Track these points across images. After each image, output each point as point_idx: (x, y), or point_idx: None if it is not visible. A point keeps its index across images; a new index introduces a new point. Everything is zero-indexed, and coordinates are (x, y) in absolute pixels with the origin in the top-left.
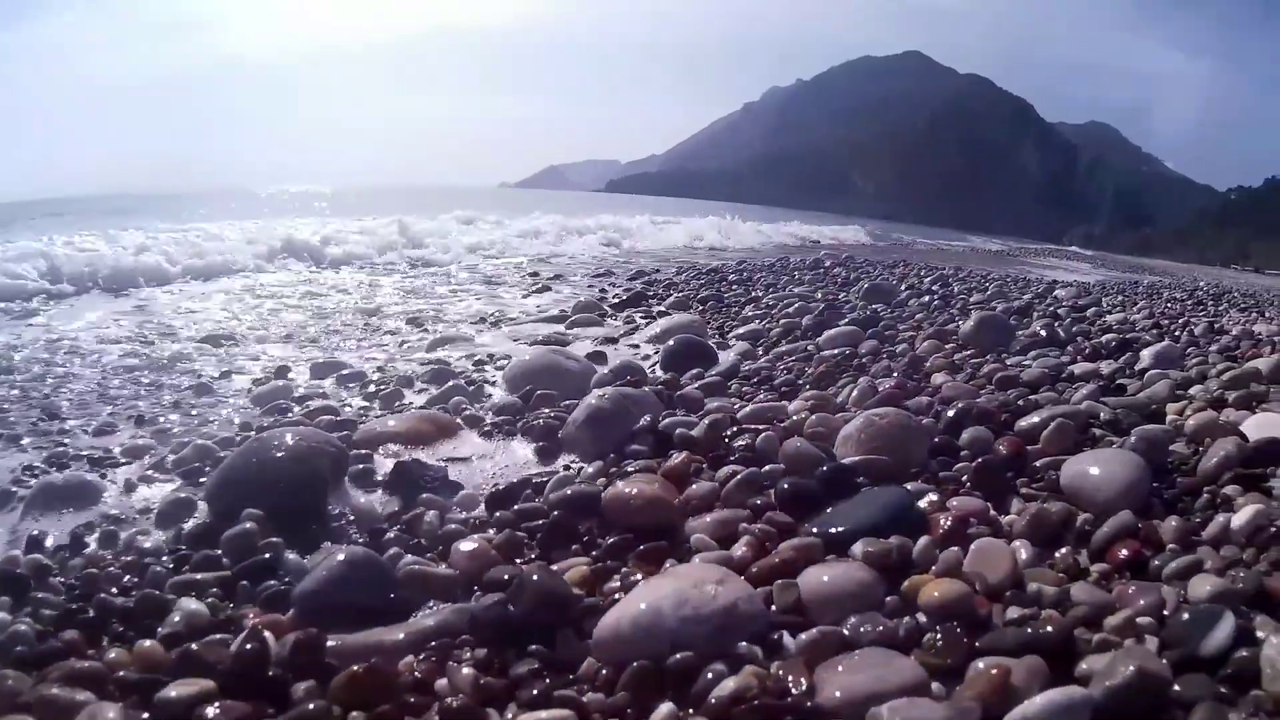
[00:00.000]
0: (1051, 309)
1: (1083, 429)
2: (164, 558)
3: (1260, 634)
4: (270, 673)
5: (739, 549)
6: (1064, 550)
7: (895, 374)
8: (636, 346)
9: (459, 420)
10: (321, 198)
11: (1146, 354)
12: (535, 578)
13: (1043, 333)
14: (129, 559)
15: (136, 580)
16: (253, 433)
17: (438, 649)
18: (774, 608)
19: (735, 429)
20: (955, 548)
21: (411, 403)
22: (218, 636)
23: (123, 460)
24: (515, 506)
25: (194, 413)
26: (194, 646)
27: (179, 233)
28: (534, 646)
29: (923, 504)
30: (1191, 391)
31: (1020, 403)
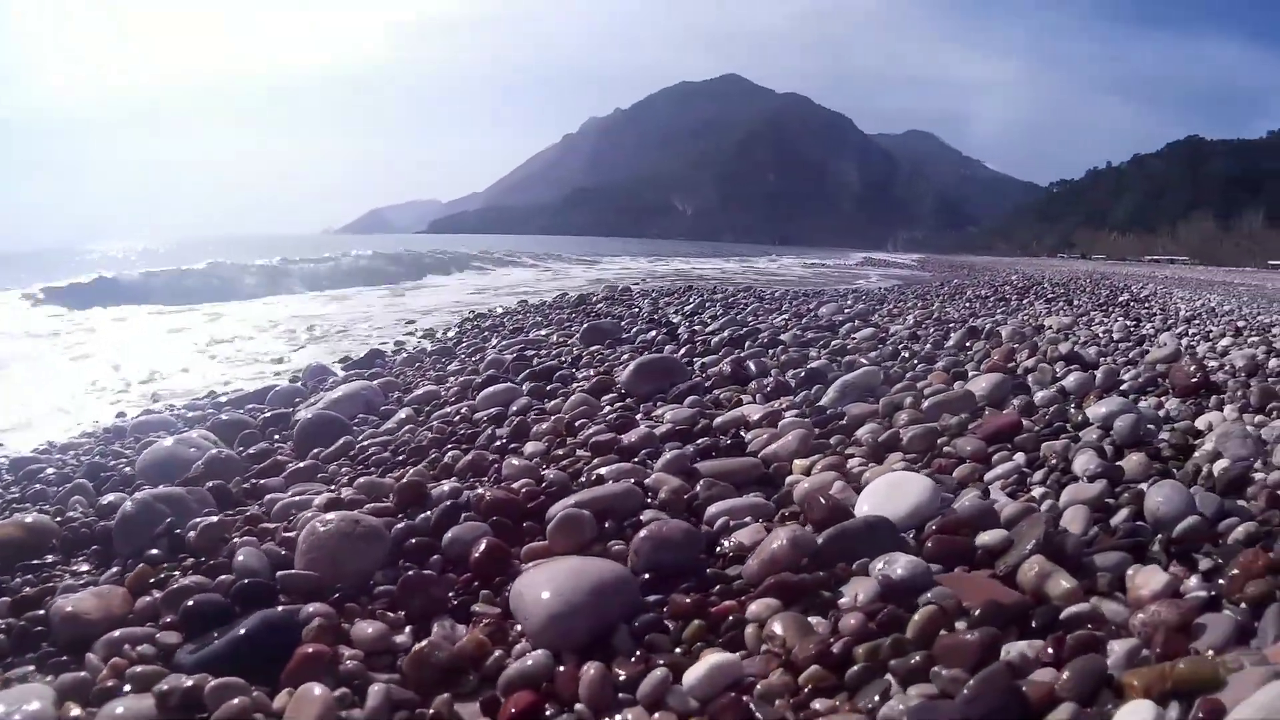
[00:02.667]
0: (782, 335)
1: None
2: None
3: None
4: None
5: None
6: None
7: (499, 441)
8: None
9: None
10: (136, 254)
11: (834, 387)
12: None
13: (727, 369)
14: None
15: None
16: None
17: None
18: None
19: (245, 530)
20: None
21: None
22: None
23: None
24: None
25: None
26: None
27: None
28: None
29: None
30: (833, 441)
31: (583, 478)
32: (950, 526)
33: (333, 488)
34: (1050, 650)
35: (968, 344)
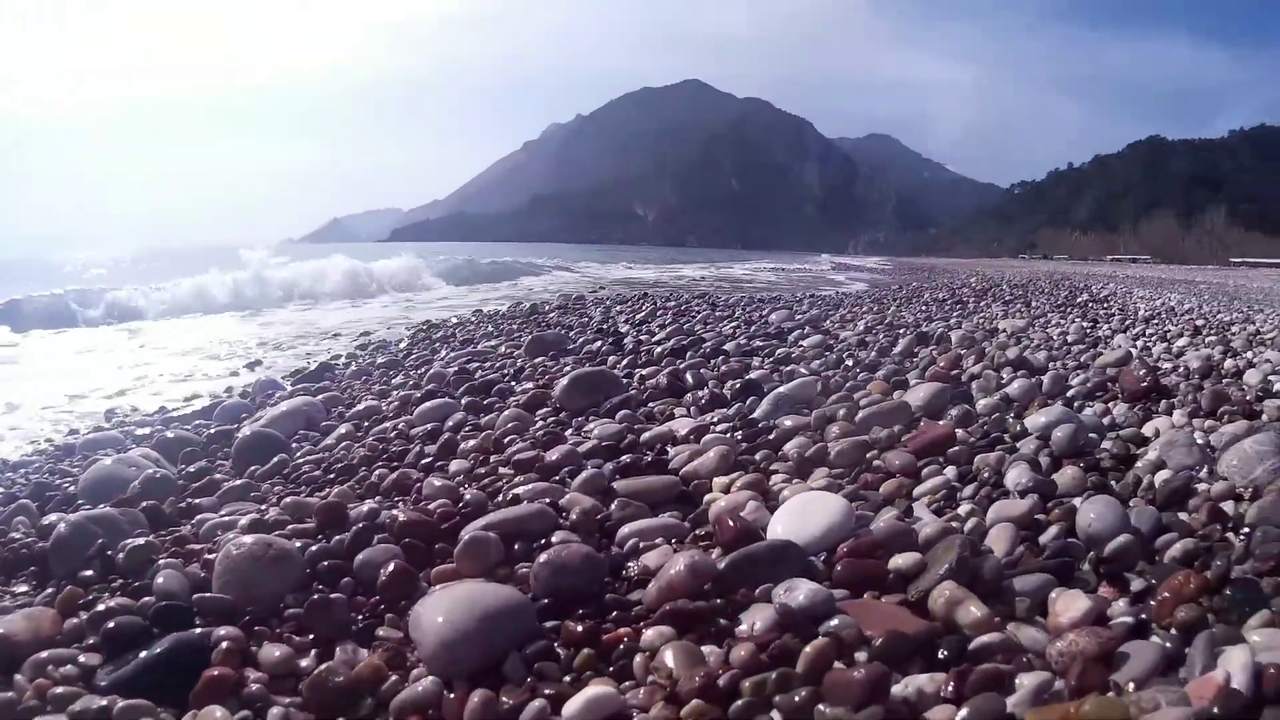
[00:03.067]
0: (727, 344)
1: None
2: None
3: None
4: None
5: None
6: None
7: (427, 459)
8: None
9: None
10: (99, 265)
11: (768, 399)
12: None
13: (664, 381)
14: None
15: None
16: None
17: None
18: None
19: (172, 551)
20: None
21: None
22: None
23: None
24: None
25: None
26: None
27: None
28: None
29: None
30: (759, 456)
31: (501, 497)
32: (862, 549)
33: (262, 508)
34: (952, 685)
35: (916, 350)
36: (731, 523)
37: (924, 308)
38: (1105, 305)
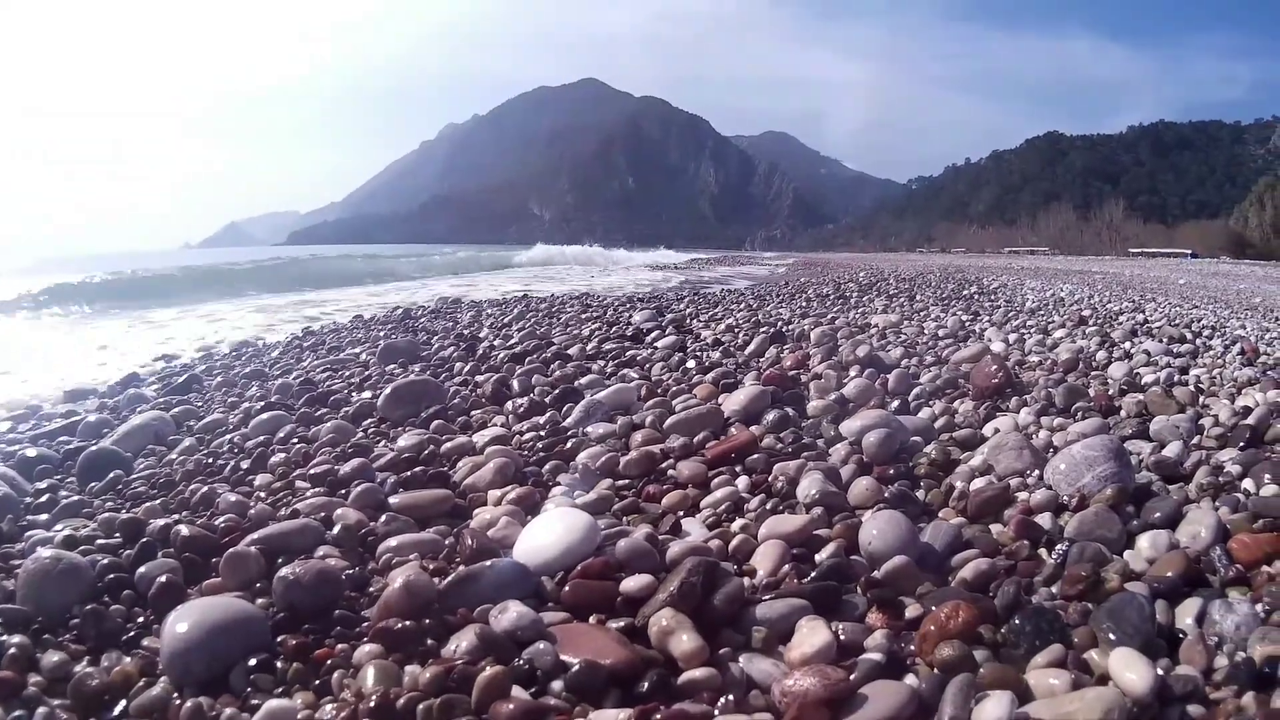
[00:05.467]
0: (571, 348)
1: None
2: None
3: None
4: None
5: None
6: None
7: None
8: None
9: None
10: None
11: (581, 406)
12: None
13: (489, 388)
14: None
15: None
16: None
17: None
18: None
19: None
20: None
21: None
22: None
23: None
24: None
25: None
26: None
27: None
28: None
29: None
30: (546, 470)
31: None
32: (594, 570)
33: (88, 525)
34: None
35: (767, 349)
36: (470, 541)
37: (805, 303)
38: (993, 298)
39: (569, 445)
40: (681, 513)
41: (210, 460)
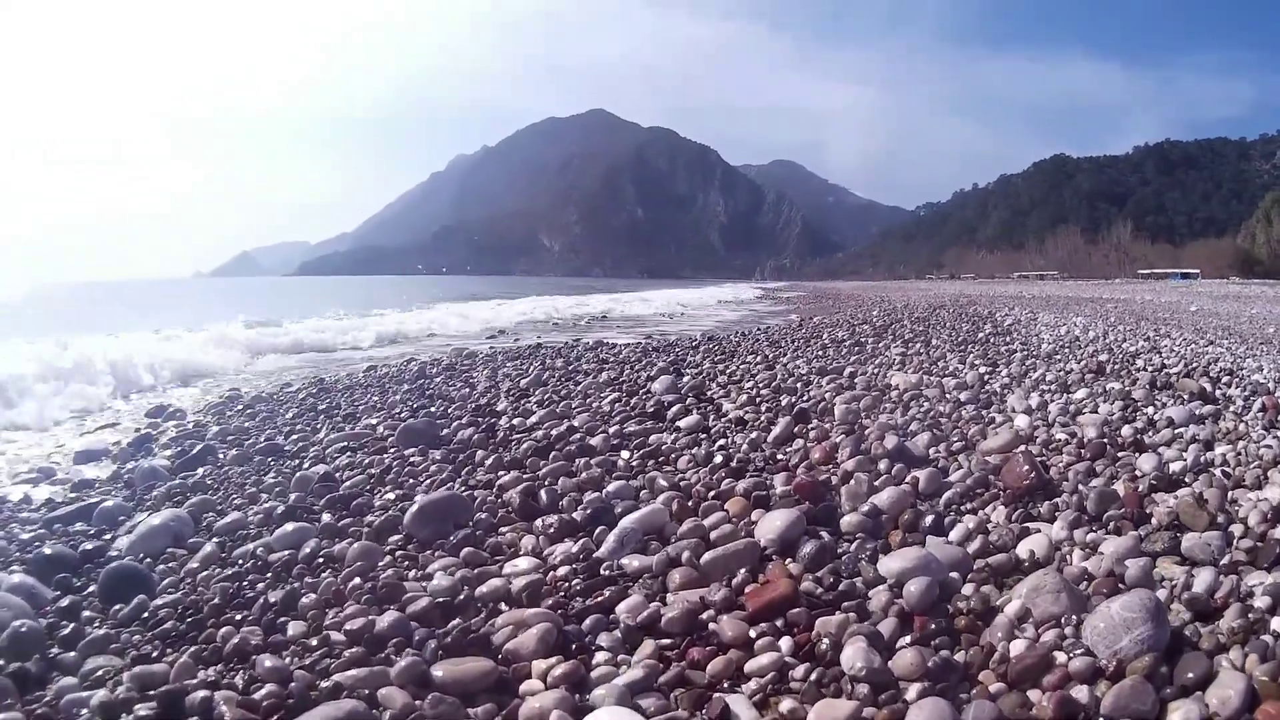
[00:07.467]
0: (594, 438)
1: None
2: None
3: None
4: None
5: None
6: None
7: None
8: None
9: None
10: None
11: (615, 534)
12: None
13: (516, 499)
14: None
15: None
16: None
17: None
18: None
19: None
20: None
21: None
22: None
23: None
24: None
25: None
26: None
27: None
28: None
29: None
30: (585, 626)
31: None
32: None
33: (110, 687)
34: None
35: (794, 432)
36: None
37: (820, 351)
38: (1008, 339)
39: (606, 594)
40: (727, 682)
41: (234, 585)
